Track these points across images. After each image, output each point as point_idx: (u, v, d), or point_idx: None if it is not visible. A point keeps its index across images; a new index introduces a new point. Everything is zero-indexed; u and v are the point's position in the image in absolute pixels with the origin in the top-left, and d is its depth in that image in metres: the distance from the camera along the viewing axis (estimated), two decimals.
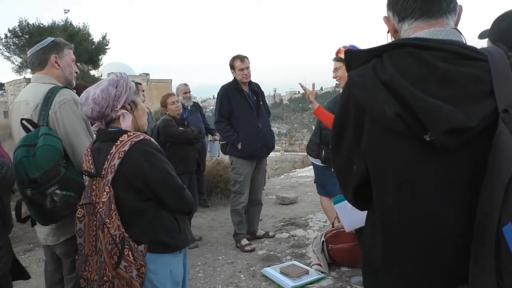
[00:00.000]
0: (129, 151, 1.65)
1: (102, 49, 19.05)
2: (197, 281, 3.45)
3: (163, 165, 1.73)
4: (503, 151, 0.85)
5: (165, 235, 1.73)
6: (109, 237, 1.59)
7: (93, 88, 1.73)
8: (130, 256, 1.60)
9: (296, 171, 9.72)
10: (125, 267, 1.59)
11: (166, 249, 1.74)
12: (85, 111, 1.72)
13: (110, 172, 1.65)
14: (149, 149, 1.70)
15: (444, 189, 0.94)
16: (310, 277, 3.27)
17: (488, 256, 0.86)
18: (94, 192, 1.70)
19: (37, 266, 3.91)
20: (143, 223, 1.69)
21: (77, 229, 1.72)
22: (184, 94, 5.66)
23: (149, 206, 1.71)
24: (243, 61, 4.11)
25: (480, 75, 0.91)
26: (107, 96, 1.69)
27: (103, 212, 1.59)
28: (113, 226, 1.59)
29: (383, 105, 0.94)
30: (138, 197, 1.69)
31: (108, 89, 1.70)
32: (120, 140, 1.67)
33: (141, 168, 1.66)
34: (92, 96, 1.69)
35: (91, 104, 1.69)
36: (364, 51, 1.05)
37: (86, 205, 1.71)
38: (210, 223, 5.12)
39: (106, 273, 1.62)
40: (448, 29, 1.02)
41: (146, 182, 1.67)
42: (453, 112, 0.87)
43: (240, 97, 4.11)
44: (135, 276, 1.61)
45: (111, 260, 1.59)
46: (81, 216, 1.71)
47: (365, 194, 1.09)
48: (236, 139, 4.05)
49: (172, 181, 1.75)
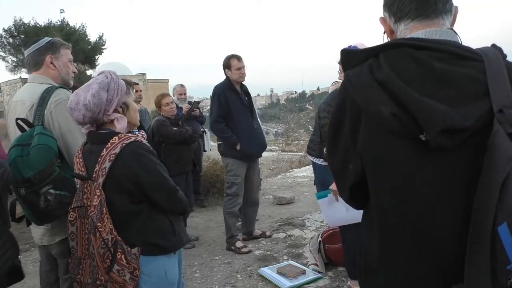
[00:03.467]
0: (120, 153, 1.62)
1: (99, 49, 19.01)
2: (194, 281, 3.44)
3: (155, 166, 1.71)
4: (498, 151, 0.85)
5: (159, 237, 1.71)
6: (101, 241, 1.56)
7: (83, 92, 1.66)
8: (123, 260, 1.58)
9: (293, 171, 9.72)
10: (118, 270, 1.57)
11: (160, 251, 1.72)
12: (76, 117, 1.66)
13: (101, 175, 1.62)
14: (140, 151, 1.68)
15: (440, 189, 0.95)
16: (307, 277, 3.27)
17: (483, 255, 0.86)
18: (85, 195, 1.68)
19: (33, 266, 3.90)
20: (136, 225, 1.67)
21: (70, 232, 1.70)
22: (179, 95, 5.66)
23: (142, 208, 1.69)
24: (240, 60, 4.08)
25: (475, 75, 0.92)
26: (99, 102, 1.64)
27: (94, 216, 1.57)
28: (104, 230, 1.57)
29: (379, 104, 0.95)
30: (130, 200, 1.67)
31: (99, 94, 1.64)
32: (111, 143, 1.64)
33: (132, 170, 1.64)
34: (83, 102, 1.63)
35: (83, 110, 1.63)
36: (360, 51, 1.05)
37: (78, 208, 1.69)
38: (207, 223, 5.12)
39: (99, 277, 1.60)
40: (444, 30, 1.03)
41: (138, 184, 1.65)
42: (449, 112, 0.88)
43: (235, 97, 4.09)
44: (128, 279, 1.59)
45: (103, 264, 1.57)
46: (73, 219, 1.69)
47: (361, 193, 1.10)
48: (235, 140, 4.01)
49: (164, 183, 1.73)
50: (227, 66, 4.10)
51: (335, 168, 1.18)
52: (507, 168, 0.83)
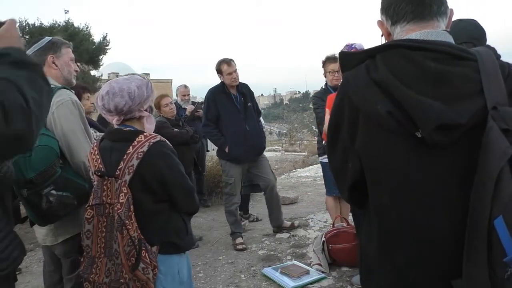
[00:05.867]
0: (148, 151, 1.64)
1: (103, 49, 19.04)
2: (197, 281, 3.45)
3: (178, 166, 1.75)
4: (492, 147, 0.87)
5: (176, 236, 1.74)
6: (128, 239, 1.57)
7: (126, 82, 1.70)
8: (147, 258, 1.59)
9: (297, 171, 9.71)
10: (142, 268, 1.58)
11: (176, 250, 1.74)
12: (117, 102, 1.67)
13: (127, 172, 1.63)
14: (166, 151, 1.71)
15: (437, 185, 0.97)
16: (311, 277, 3.26)
17: (480, 249, 0.88)
18: (105, 193, 1.67)
19: (37, 266, 3.91)
20: (157, 224, 1.69)
21: (85, 231, 1.68)
22: (183, 96, 5.68)
23: (163, 207, 1.72)
24: (230, 65, 4.08)
25: (469, 74, 0.94)
26: (141, 94, 1.70)
27: (122, 214, 1.56)
28: (132, 227, 1.58)
29: (376, 103, 0.97)
30: (153, 199, 1.69)
31: (142, 88, 1.71)
32: (137, 141, 1.65)
33: (159, 169, 1.66)
34: (127, 90, 1.67)
35: (126, 97, 1.67)
36: (358, 53, 1.08)
37: (95, 206, 1.67)
38: (211, 223, 5.13)
39: (123, 275, 1.60)
40: (439, 31, 1.05)
41: (163, 183, 1.67)
42: (443, 110, 0.90)
43: (227, 100, 4.12)
44: (151, 277, 1.61)
45: (128, 262, 1.58)
46: (90, 217, 1.67)
47: (361, 192, 1.11)
48: (223, 142, 4.08)
49: (185, 182, 1.76)
50: (219, 71, 4.14)
51: (334, 167, 1.20)
52: (501, 163, 0.86)
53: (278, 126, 41.81)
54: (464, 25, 1.84)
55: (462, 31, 1.78)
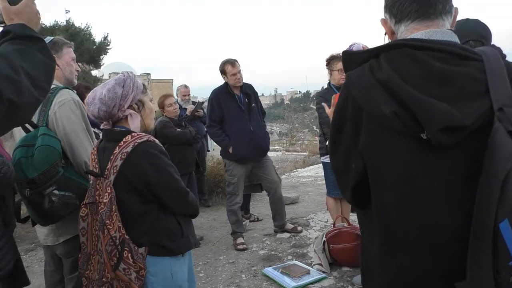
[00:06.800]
0: (132, 152, 1.63)
1: (104, 49, 19.02)
2: (198, 281, 3.44)
3: (166, 167, 1.71)
4: (498, 149, 0.86)
5: (166, 238, 1.71)
6: (109, 238, 1.57)
7: (100, 88, 1.71)
8: (130, 259, 1.59)
9: (297, 171, 9.70)
10: (124, 269, 1.58)
11: (167, 253, 1.71)
12: (92, 111, 1.70)
13: (112, 173, 1.64)
14: (152, 151, 1.68)
15: (442, 187, 0.95)
16: (312, 277, 3.27)
17: (485, 252, 0.87)
18: (97, 192, 1.69)
19: (39, 266, 3.92)
20: (144, 225, 1.67)
21: (80, 228, 1.71)
22: (183, 96, 5.68)
23: (151, 208, 1.69)
24: (234, 66, 4.08)
25: (475, 74, 0.93)
26: (114, 96, 1.67)
27: (103, 213, 1.58)
28: (113, 227, 1.58)
29: (380, 104, 0.96)
30: (139, 199, 1.67)
31: (114, 89, 1.68)
32: (123, 141, 1.65)
33: (142, 169, 1.64)
34: (98, 96, 1.68)
35: (98, 104, 1.67)
36: (361, 52, 1.07)
37: (89, 204, 1.70)
38: (211, 223, 5.13)
39: (105, 274, 1.61)
40: (444, 30, 1.04)
41: (147, 184, 1.65)
42: (449, 111, 0.89)
43: (231, 101, 4.12)
44: (134, 278, 1.59)
45: (110, 262, 1.58)
46: (84, 215, 1.70)
47: (363, 193, 1.10)
48: (227, 143, 4.08)
49: (174, 184, 1.72)
50: (223, 72, 4.14)
51: (337, 168, 1.19)
52: (507, 165, 0.84)
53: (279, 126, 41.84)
54: (472, 24, 1.85)
55: (471, 30, 1.79)
